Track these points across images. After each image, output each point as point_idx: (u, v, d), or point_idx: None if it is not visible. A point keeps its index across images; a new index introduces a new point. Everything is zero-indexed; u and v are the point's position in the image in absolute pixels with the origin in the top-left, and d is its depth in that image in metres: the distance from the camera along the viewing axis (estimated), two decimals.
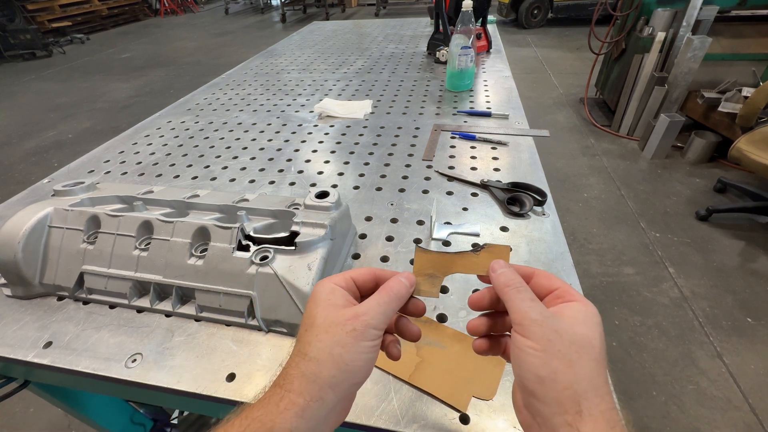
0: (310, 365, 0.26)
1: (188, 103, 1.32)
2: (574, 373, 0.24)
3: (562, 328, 0.25)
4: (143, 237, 0.57)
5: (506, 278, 0.29)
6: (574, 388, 0.24)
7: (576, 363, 0.24)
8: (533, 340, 0.25)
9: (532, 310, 0.26)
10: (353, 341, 0.27)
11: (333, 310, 0.28)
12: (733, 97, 2.35)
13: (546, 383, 0.24)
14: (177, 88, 4.59)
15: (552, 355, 0.24)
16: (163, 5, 9.94)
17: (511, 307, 0.28)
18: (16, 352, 0.52)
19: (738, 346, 1.47)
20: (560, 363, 0.24)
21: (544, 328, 0.25)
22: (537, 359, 0.25)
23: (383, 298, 0.30)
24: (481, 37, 1.58)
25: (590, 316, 0.27)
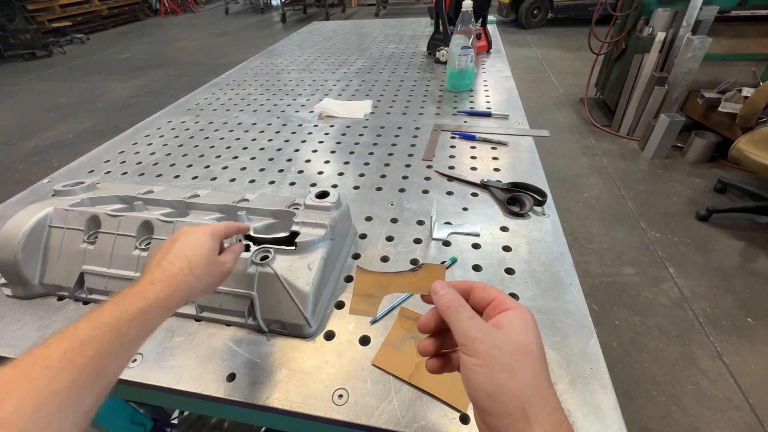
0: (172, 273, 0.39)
1: (188, 103, 1.32)
2: (518, 383, 0.25)
3: (501, 341, 0.27)
4: (143, 237, 0.57)
5: (446, 300, 0.30)
6: (520, 398, 0.25)
7: (518, 372, 0.26)
8: (477, 357, 0.27)
9: (472, 329, 0.28)
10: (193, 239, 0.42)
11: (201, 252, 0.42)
12: (733, 97, 2.35)
13: (494, 397, 0.25)
14: (177, 88, 4.59)
15: (495, 369, 0.26)
16: (163, 5, 9.94)
17: (454, 329, 0.29)
18: (16, 352, 0.52)
19: (738, 346, 1.47)
20: (503, 375, 0.26)
21: (485, 344, 0.27)
22: (482, 375, 0.26)
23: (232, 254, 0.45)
24: (481, 37, 1.58)
25: (525, 321, 0.28)
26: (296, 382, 0.47)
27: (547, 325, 0.51)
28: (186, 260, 0.39)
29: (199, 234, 0.42)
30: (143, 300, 0.34)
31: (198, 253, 0.40)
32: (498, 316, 0.29)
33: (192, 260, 0.39)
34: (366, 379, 0.46)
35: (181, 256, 0.39)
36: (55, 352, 0.27)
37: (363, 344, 0.51)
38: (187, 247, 0.40)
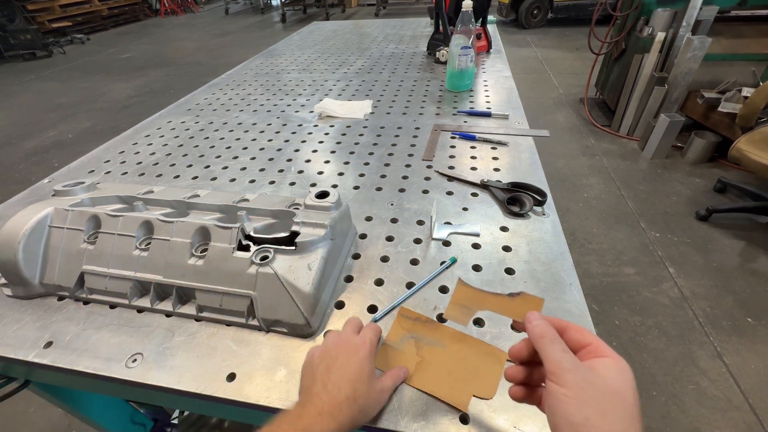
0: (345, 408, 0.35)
1: (188, 103, 1.32)
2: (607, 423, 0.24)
3: (594, 379, 0.27)
4: (143, 237, 0.57)
5: (541, 330, 0.31)
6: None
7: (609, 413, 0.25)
8: (566, 388, 0.26)
9: (565, 360, 0.28)
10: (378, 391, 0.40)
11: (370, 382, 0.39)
12: (733, 97, 2.35)
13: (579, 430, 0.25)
14: (177, 88, 4.59)
15: (585, 403, 0.25)
16: (163, 5, 9.94)
17: (545, 357, 0.29)
18: (16, 352, 0.52)
19: (738, 346, 1.47)
20: (593, 411, 0.25)
21: (576, 376, 0.27)
22: (571, 406, 0.26)
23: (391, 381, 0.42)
24: (481, 37, 1.58)
25: (622, 371, 0.28)
26: (296, 382, 0.47)
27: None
28: (351, 387, 0.36)
29: (361, 356, 0.39)
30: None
31: (361, 379, 0.37)
32: (593, 360, 0.29)
33: (357, 389, 0.36)
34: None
35: (346, 381, 0.36)
36: None
37: None
38: (351, 371, 0.37)
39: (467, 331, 0.51)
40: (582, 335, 0.31)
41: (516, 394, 0.34)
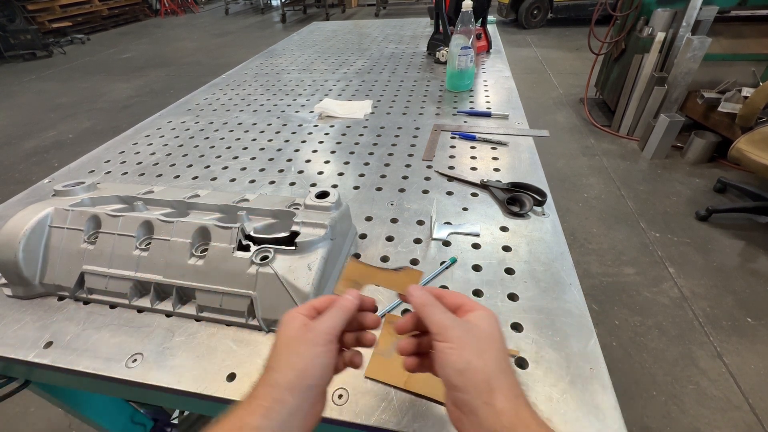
0: (272, 375, 0.31)
1: (188, 104, 1.32)
2: (484, 361, 0.30)
3: (471, 329, 0.32)
4: (144, 237, 0.57)
5: (422, 299, 0.34)
6: (486, 372, 0.29)
7: (485, 353, 0.30)
8: (450, 342, 0.31)
9: (446, 319, 0.32)
10: (306, 348, 0.32)
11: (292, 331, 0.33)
12: (733, 97, 2.35)
13: (464, 373, 0.29)
14: (177, 89, 4.59)
15: (465, 349, 0.30)
16: (163, 5, 9.94)
17: (429, 322, 0.33)
18: (16, 352, 0.52)
19: (738, 346, 1.47)
20: (472, 354, 0.30)
21: (456, 330, 0.31)
22: (455, 356, 0.30)
23: (331, 310, 0.35)
24: (481, 37, 1.58)
25: (490, 318, 0.33)
26: None
27: (547, 325, 0.51)
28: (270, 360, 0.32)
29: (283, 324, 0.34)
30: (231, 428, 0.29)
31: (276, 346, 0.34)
32: (467, 314, 0.33)
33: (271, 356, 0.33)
34: (366, 379, 0.46)
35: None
36: None
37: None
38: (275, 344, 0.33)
39: None
40: (456, 298, 0.35)
41: (410, 365, 0.36)
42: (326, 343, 0.32)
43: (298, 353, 0.31)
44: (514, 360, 0.47)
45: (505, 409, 0.27)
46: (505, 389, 0.29)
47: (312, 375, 0.31)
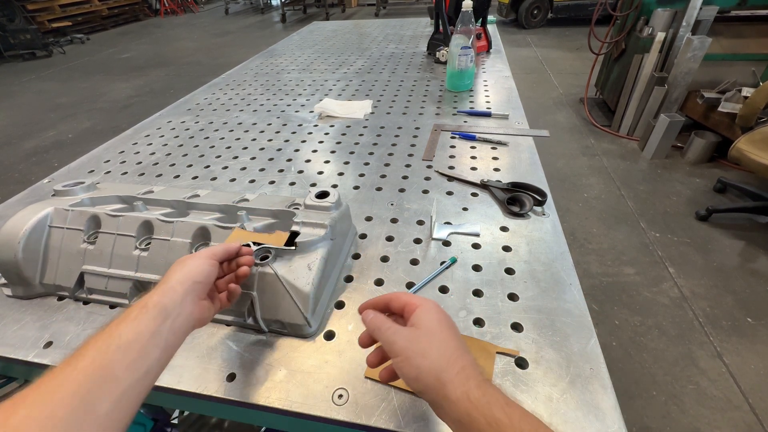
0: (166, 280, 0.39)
1: (188, 103, 1.32)
2: (429, 360, 0.32)
3: (412, 335, 0.34)
4: (143, 237, 0.57)
5: (372, 324, 0.37)
6: (434, 370, 0.31)
7: (428, 352, 0.32)
8: (399, 355, 0.34)
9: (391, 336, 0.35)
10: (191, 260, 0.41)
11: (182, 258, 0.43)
12: (733, 97, 2.35)
13: (418, 379, 0.32)
14: (177, 88, 4.59)
15: (411, 358, 0.33)
16: (163, 5, 9.94)
17: (382, 343, 0.36)
18: (16, 352, 0.52)
19: (738, 346, 1.47)
20: (419, 359, 0.32)
21: (400, 342, 0.34)
22: (405, 367, 0.33)
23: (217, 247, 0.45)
24: (481, 37, 1.58)
25: (427, 311, 0.36)
26: (296, 382, 0.47)
27: (547, 325, 0.51)
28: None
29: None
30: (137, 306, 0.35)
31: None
32: (411, 317, 0.36)
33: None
34: (366, 379, 0.46)
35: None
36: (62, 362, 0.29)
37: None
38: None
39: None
40: (399, 299, 0.39)
41: (384, 376, 0.39)
42: (206, 257, 0.42)
43: (185, 263, 0.41)
44: (515, 360, 0.47)
45: (458, 398, 0.30)
46: (453, 378, 0.31)
47: (196, 273, 0.40)
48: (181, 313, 0.36)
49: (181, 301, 0.37)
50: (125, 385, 0.30)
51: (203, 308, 0.40)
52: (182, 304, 0.37)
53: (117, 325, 0.32)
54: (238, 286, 0.46)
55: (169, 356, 0.35)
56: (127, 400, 0.30)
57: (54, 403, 0.26)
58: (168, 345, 0.34)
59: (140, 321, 0.33)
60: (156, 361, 0.33)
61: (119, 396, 0.29)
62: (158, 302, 0.35)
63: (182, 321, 0.36)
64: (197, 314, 0.39)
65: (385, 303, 0.40)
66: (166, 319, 0.35)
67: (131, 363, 0.31)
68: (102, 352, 0.30)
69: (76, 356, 0.29)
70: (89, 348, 0.30)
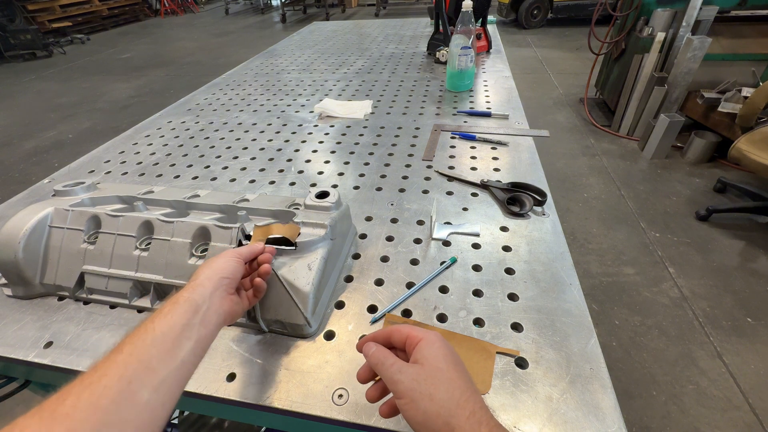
0: (196, 275, 0.41)
1: (188, 103, 1.32)
2: (436, 404, 0.30)
3: (417, 374, 0.33)
4: (144, 237, 0.57)
5: (374, 359, 0.36)
6: (442, 415, 0.30)
7: (435, 395, 0.31)
8: (403, 397, 0.32)
9: (395, 374, 0.33)
10: (218, 258, 0.43)
11: (209, 258, 0.46)
12: (733, 97, 2.35)
13: (425, 423, 0.30)
14: (177, 89, 4.59)
15: (418, 400, 0.31)
16: (163, 5, 9.95)
17: (385, 380, 0.34)
18: (16, 352, 0.52)
19: (738, 346, 1.47)
20: (425, 402, 0.31)
21: (405, 383, 0.32)
22: (411, 410, 0.31)
23: (243, 248, 0.47)
24: (481, 37, 1.58)
25: (431, 345, 0.34)
26: (296, 382, 0.47)
27: (547, 325, 0.51)
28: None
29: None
30: (169, 303, 0.37)
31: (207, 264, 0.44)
32: (414, 352, 0.35)
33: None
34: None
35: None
36: (102, 358, 0.31)
37: None
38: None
39: (457, 329, 0.51)
40: (400, 333, 0.37)
41: (384, 411, 0.37)
42: (232, 256, 0.44)
43: (212, 262, 0.43)
44: (515, 360, 0.47)
45: None
46: (462, 423, 0.29)
47: (223, 270, 0.42)
48: (211, 307, 0.38)
49: (210, 295, 0.39)
50: (162, 374, 0.31)
51: (232, 302, 0.42)
52: (211, 298, 0.39)
53: (151, 321, 0.34)
54: (263, 281, 0.47)
55: (202, 348, 0.36)
56: (165, 389, 0.31)
57: (97, 393, 0.28)
58: (200, 337, 0.36)
59: (172, 315, 0.35)
60: (189, 352, 0.34)
61: (157, 385, 0.30)
62: (188, 297, 0.37)
63: (212, 314, 0.38)
64: (226, 308, 0.40)
65: (386, 336, 0.38)
66: (196, 312, 0.37)
67: (165, 354, 0.33)
68: (138, 346, 0.32)
69: (115, 351, 0.31)
70: (126, 343, 0.32)
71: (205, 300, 0.38)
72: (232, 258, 0.44)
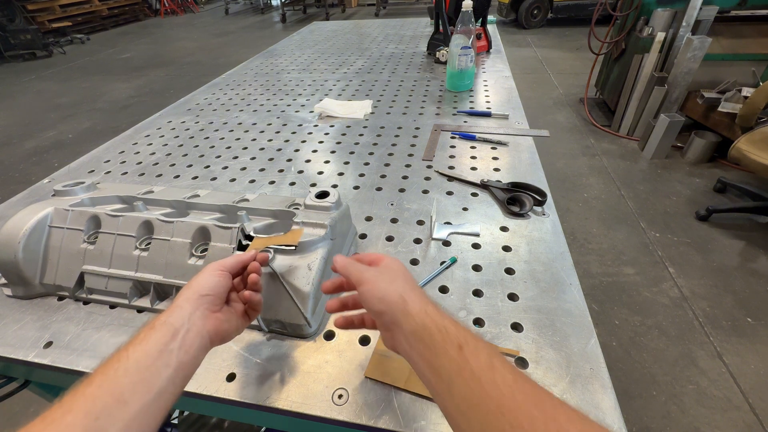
0: (175, 299, 0.39)
1: (188, 103, 1.32)
2: (395, 285, 0.37)
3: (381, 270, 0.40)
4: (143, 237, 0.57)
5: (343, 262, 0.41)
6: (398, 291, 0.36)
7: (395, 281, 0.38)
8: (367, 283, 0.38)
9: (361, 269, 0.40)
10: (200, 275, 0.41)
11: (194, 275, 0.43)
12: (733, 97, 2.35)
13: (383, 299, 0.36)
14: (177, 88, 4.59)
15: (380, 282, 0.38)
16: (163, 5, 9.94)
17: (349, 274, 0.40)
18: (16, 352, 0.52)
19: (738, 346, 1.47)
20: (386, 284, 0.37)
21: (370, 272, 0.39)
22: (374, 289, 0.37)
23: (226, 259, 0.44)
24: (481, 37, 1.58)
25: (396, 261, 0.42)
26: (296, 382, 0.47)
27: (547, 325, 0.51)
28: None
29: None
30: (145, 328, 0.35)
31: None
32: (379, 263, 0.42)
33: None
34: (366, 379, 0.46)
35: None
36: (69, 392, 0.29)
37: (363, 344, 0.51)
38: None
39: None
40: (370, 256, 0.44)
41: (339, 322, 0.45)
42: (212, 270, 0.41)
43: (191, 282, 0.40)
44: (514, 360, 0.47)
45: (417, 311, 0.34)
46: (414, 299, 0.36)
47: (203, 287, 0.39)
48: (191, 329, 0.35)
49: (189, 316, 0.36)
50: (135, 408, 0.29)
51: (217, 321, 0.39)
52: (191, 320, 0.36)
53: (125, 349, 0.32)
54: (255, 293, 0.44)
55: (184, 375, 0.34)
56: (137, 425, 0.28)
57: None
58: (181, 363, 0.33)
59: (147, 341, 0.33)
60: (168, 380, 0.32)
61: (129, 421, 0.28)
62: (165, 321, 0.35)
63: (193, 336, 0.35)
64: (210, 327, 0.37)
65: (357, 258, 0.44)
66: (174, 336, 0.34)
67: (140, 384, 0.30)
68: (109, 376, 0.30)
69: (85, 383, 0.29)
70: (97, 374, 0.30)
71: (184, 322, 0.35)
72: (212, 272, 0.41)
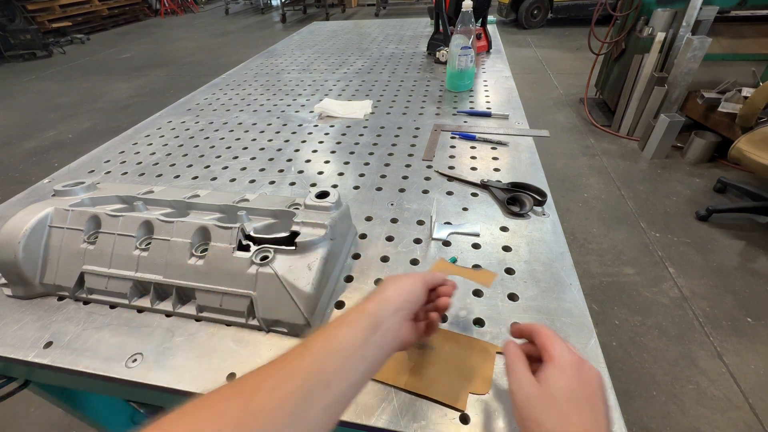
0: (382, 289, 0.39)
1: (188, 103, 1.32)
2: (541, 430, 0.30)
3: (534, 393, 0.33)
4: (143, 237, 0.57)
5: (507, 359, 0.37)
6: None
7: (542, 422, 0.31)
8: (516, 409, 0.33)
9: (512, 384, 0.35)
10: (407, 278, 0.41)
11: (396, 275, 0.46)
12: (733, 97, 2.35)
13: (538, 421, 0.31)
14: (177, 88, 4.59)
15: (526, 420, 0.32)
16: (163, 5, 9.94)
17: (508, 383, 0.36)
18: (16, 352, 0.52)
19: (738, 346, 1.47)
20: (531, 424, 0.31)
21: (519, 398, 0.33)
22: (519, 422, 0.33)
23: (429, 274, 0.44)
24: (481, 37, 1.58)
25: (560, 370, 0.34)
26: None
27: (548, 325, 0.51)
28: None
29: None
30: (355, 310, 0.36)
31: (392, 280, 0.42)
32: (542, 368, 0.35)
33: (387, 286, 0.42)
34: None
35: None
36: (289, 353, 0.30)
37: None
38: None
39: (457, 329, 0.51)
40: (540, 337, 0.37)
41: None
42: (423, 282, 0.41)
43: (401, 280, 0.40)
44: None
45: None
46: None
47: (410, 292, 0.39)
48: (390, 329, 0.36)
49: (392, 314, 0.36)
50: (336, 392, 0.29)
51: (408, 329, 0.39)
52: (392, 319, 0.36)
53: (336, 328, 0.33)
54: (438, 316, 0.44)
55: (371, 373, 0.34)
56: (335, 409, 0.29)
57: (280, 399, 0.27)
58: (374, 358, 0.34)
59: (354, 326, 0.33)
60: (362, 373, 0.32)
61: (330, 403, 0.29)
62: (372, 311, 0.35)
63: (390, 336, 0.36)
64: (403, 334, 0.38)
65: (531, 333, 0.39)
66: (376, 329, 0.34)
67: (341, 369, 0.30)
68: (321, 355, 0.30)
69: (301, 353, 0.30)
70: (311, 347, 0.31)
71: (388, 318, 0.36)
72: (421, 284, 0.41)
